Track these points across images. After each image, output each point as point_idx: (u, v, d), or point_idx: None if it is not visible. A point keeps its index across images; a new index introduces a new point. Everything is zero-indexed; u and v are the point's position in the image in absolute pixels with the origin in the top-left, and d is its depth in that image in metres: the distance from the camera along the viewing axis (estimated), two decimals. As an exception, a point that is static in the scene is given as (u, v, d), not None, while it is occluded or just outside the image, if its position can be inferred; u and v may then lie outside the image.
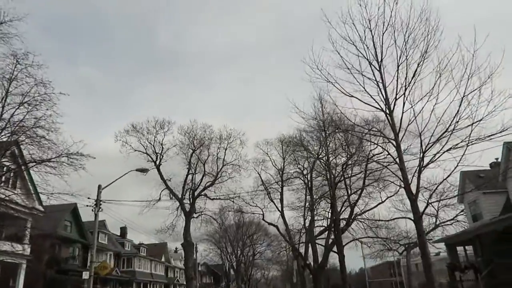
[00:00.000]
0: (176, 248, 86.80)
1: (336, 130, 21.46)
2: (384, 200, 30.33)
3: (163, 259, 64.64)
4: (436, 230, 35.10)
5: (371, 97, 13.70)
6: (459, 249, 29.52)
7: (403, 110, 13.22)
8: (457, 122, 12.19)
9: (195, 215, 46.48)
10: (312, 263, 33.78)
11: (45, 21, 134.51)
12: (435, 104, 12.41)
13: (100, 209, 20.78)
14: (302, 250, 34.94)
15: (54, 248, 36.03)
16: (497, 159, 31.00)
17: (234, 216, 59.43)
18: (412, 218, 14.09)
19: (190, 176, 46.00)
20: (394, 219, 20.58)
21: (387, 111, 13.68)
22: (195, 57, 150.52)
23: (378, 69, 13.79)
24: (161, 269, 63.33)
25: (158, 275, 60.88)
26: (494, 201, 25.88)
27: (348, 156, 26.75)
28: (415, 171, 12.96)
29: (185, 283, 44.10)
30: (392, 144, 13.60)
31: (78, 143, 15.85)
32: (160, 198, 44.87)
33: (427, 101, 12.60)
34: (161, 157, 44.89)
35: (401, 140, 13.47)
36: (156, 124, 44.48)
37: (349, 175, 29.07)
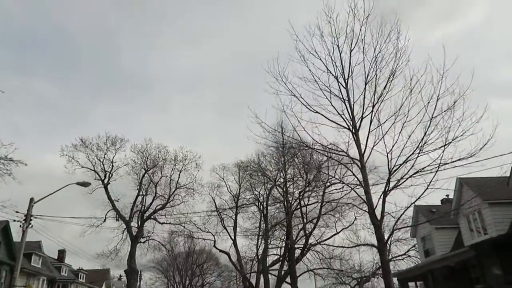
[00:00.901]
0: (120, 276, 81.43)
1: (298, 149, 20.78)
2: (339, 231, 29.93)
3: (104, 287, 60.00)
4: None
5: (338, 113, 13.16)
6: (411, 285, 29.29)
7: (369, 129, 12.74)
8: (425, 143, 11.80)
9: (142, 240, 43.75)
10: (263, 295, 32.25)
11: (3, 30, 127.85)
12: (404, 123, 12.03)
13: (30, 225, 18.40)
14: (253, 281, 33.38)
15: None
16: (447, 195, 31.77)
17: (184, 243, 56.72)
18: (376, 245, 13.29)
19: (140, 198, 43.64)
20: (355, 246, 20.01)
21: (353, 130, 13.15)
22: (155, 81, 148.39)
23: (344, 86, 13.33)
24: (100, 298, 58.66)
25: (97, 304, 56.23)
26: (446, 236, 26.02)
27: (306, 183, 26.14)
28: (380, 196, 12.32)
29: (125, 314, 40.63)
30: (357, 165, 12.97)
31: (7, 146, 13.92)
32: (105, 219, 42.07)
33: (394, 121, 12.23)
34: (110, 175, 42.40)
35: (366, 161, 12.93)
36: (107, 141, 42.13)
37: (306, 204, 28.43)
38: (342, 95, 13.22)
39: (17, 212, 18.16)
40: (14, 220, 19.46)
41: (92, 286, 54.07)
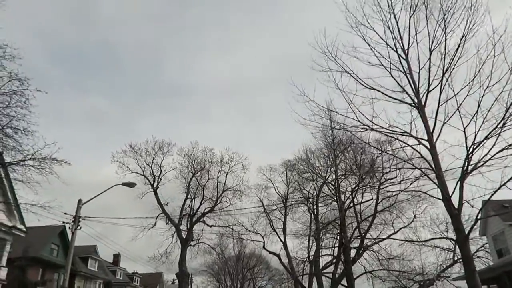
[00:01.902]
0: (173, 280, 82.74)
1: (349, 143, 19.12)
2: (397, 231, 27.64)
3: (157, 290, 61.03)
4: (454, 267, 31.89)
5: (400, 86, 11.38)
6: (483, 288, 26.38)
7: (439, 103, 10.89)
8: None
9: (192, 243, 43.71)
10: (317, 299, 30.59)
11: (54, 49, 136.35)
12: (486, 88, 9.95)
13: (79, 227, 18.34)
14: (305, 284, 31.82)
15: (36, 273, 33.21)
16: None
17: (234, 247, 56.14)
18: (454, 239, 11.48)
19: (188, 201, 43.74)
20: (427, 240, 17.77)
21: (418, 105, 11.33)
22: (195, 90, 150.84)
23: (404, 57, 11.62)
24: (154, 301, 59.64)
25: (151, 307, 57.18)
26: (523, 234, 23.14)
27: (360, 179, 24.35)
28: (457, 182, 10.34)
29: (179, 317, 40.60)
30: (425, 146, 11.17)
31: (51, 146, 13.76)
32: (156, 223, 42.55)
33: (469, 92, 10.18)
34: (159, 180, 42.90)
35: (436, 140, 11.09)
36: (155, 145, 42.69)
37: (360, 202, 26.56)
38: (402, 68, 11.51)
39: (65, 214, 18.21)
40: (63, 222, 19.49)
41: (146, 289, 55.07)
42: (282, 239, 36.02)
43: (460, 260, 31.65)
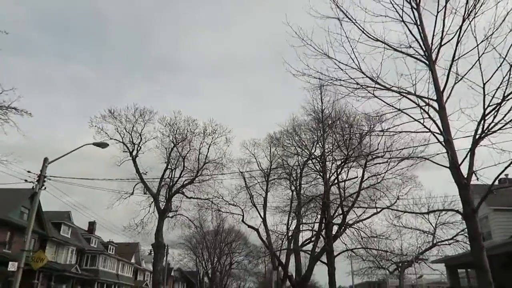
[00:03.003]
0: (150, 251, 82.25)
1: (339, 119, 17.98)
2: (380, 210, 27.16)
3: (133, 260, 60.13)
4: (431, 250, 31.89)
5: (413, 36, 9.96)
6: (460, 272, 26.31)
7: (453, 58, 9.66)
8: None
9: (169, 215, 42.72)
10: (294, 275, 30.15)
11: (41, 15, 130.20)
12: None
13: (43, 187, 16.94)
14: (283, 260, 31.34)
15: (3, 236, 31.79)
16: (507, 174, 28.22)
17: (212, 218, 55.28)
18: (461, 212, 10.58)
19: (168, 172, 42.47)
20: (428, 213, 16.83)
21: (428, 61, 10.08)
22: (184, 66, 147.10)
23: (415, 6, 10.31)
24: (129, 271, 58.79)
25: (126, 276, 56.35)
26: (506, 219, 22.81)
27: (347, 155, 23.48)
28: (469, 151, 9.18)
29: (153, 287, 39.95)
30: (433, 108, 10.03)
31: (8, 92, 12.21)
32: (133, 192, 41.28)
33: (488, 43, 8.91)
34: (138, 148, 41.34)
35: (447, 100, 9.98)
36: (136, 112, 40.91)
37: (344, 179, 25.81)
38: (414, 18, 10.16)
39: (29, 172, 16.75)
40: (26, 181, 18.05)
41: (120, 258, 54.09)
42: (262, 215, 35.42)
43: (439, 243, 31.72)
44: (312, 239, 28.40)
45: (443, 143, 9.51)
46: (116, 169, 40.99)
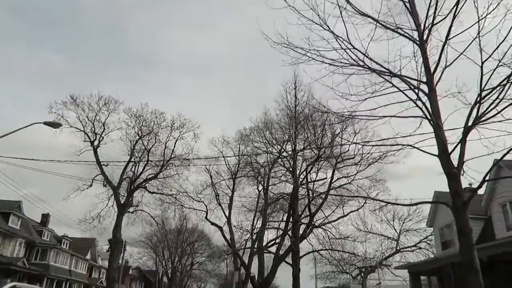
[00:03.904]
0: (109, 248, 79.02)
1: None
2: (347, 214, 26.80)
3: (88, 256, 57.28)
4: (394, 257, 31.90)
5: (407, 9, 9.04)
6: (423, 279, 26.24)
7: (447, 37, 8.81)
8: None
9: (130, 209, 40.76)
10: (256, 276, 29.15)
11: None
12: None
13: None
14: (246, 260, 30.33)
15: None
16: (470, 184, 28.56)
17: (174, 217, 53.55)
18: (449, 205, 9.83)
19: (131, 165, 40.56)
20: (417, 203, 15.85)
21: (418, 40, 9.27)
22: (161, 62, 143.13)
23: None
24: (83, 267, 55.91)
25: (79, 273, 53.48)
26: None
27: (318, 153, 22.84)
28: (460, 140, 8.41)
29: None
30: (422, 91, 9.22)
31: None
32: (92, 183, 39.10)
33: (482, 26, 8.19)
34: (100, 138, 39.22)
35: (437, 82, 9.25)
36: (100, 100, 38.76)
37: (313, 180, 25.20)
38: None
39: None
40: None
41: (74, 254, 51.27)
42: (227, 214, 34.28)
43: (402, 249, 31.74)
44: (278, 239, 27.54)
45: (433, 127, 8.79)
46: (75, 160, 38.39)
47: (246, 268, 29.09)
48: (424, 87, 9.12)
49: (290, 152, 24.95)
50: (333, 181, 24.02)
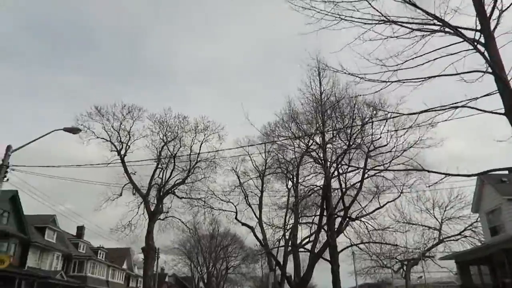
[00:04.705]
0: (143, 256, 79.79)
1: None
2: (384, 205, 25.40)
3: (124, 266, 57.73)
4: (437, 247, 30.11)
5: None
6: (472, 269, 24.44)
7: None
8: None
9: (160, 217, 40.65)
10: (292, 276, 28.09)
11: (28, 22, 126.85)
12: None
13: (6, 179, 14.85)
14: (280, 259, 29.31)
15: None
16: (516, 164, 26.60)
17: (204, 220, 53.25)
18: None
19: (158, 171, 40.49)
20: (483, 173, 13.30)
21: None
22: (176, 73, 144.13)
23: None
24: (120, 277, 56.38)
25: (116, 283, 53.95)
26: (521, 210, 21.04)
27: (349, 142, 21.67)
28: None
29: (146, 294, 37.71)
30: (479, 42, 7.74)
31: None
32: (121, 193, 39.25)
33: None
34: (127, 147, 39.38)
35: (495, 28, 7.84)
36: (123, 109, 38.90)
37: (345, 171, 23.98)
38: None
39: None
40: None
41: (111, 264, 51.74)
42: (258, 215, 33.42)
43: (446, 239, 29.91)
44: (312, 236, 26.34)
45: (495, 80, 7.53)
46: (104, 171, 38.75)
47: (281, 268, 28.11)
48: (478, 37, 7.81)
49: (319, 143, 23.80)
50: (366, 170, 22.76)
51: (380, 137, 22.26)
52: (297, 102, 24.24)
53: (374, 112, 21.49)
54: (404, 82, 7.83)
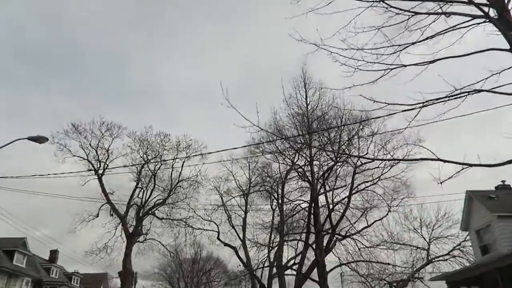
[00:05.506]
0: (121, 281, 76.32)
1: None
2: (371, 224, 24.59)
3: (100, 292, 55.00)
4: (426, 268, 29.24)
5: None
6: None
7: None
8: None
9: (140, 239, 38.79)
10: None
11: (18, 46, 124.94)
12: None
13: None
14: (265, 282, 27.90)
15: None
16: (504, 181, 26.31)
17: (186, 242, 51.38)
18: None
19: (138, 191, 38.88)
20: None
21: None
22: (164, 94, 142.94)
23: None
24: (96, 305, 53.57)
25: (91, 311, 51.15)
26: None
27: (336, 155, 20.93)
28: None
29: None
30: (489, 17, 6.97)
31: None
32: (98, 214, 37.39)
33: None
34: (105, 166, 37.73)
35: (509, 1, 7.04)
36: (101, 126, 37.55)
37: (332, 187, 23.18)
38: None
39: None
40: None
41: (85, 291, 49.09)
42: (241, 237, 32.11)
43: (434, 259, 29.13)
44: (298, 256, 25.10)
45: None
46: (80, 190, 37.00)
47: (266, 291, 26.74)
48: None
49: (305, 156, 22.97)
50: (354, 186, 22.01)
51: (367, 153, 21.67)
52: (283, 113, 23.63)
53: (360, 126, 20.98)
54: (405, 67, 7.09)
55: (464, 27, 6.88)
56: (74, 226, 35.79)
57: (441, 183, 6.67)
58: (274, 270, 26.34)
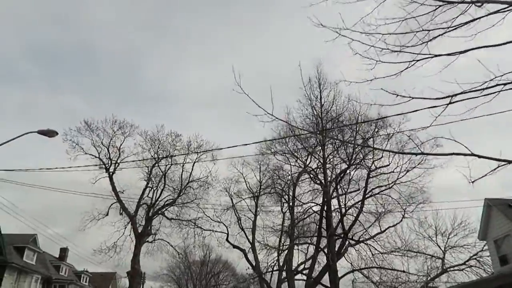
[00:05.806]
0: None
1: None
2: (384, 230, 23.84)
3: (109, 291, 55.02)
4: (440, 278, 28.31)
5: None
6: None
7: None
8: None
9: (149, 239, 38.57)
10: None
11: (30, 45, 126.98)
12: None
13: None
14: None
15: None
16: (525, 189, 25.39)
17: (194, 243, 51.07)
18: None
19: (148, 190, 38.72)
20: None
21: None
22: (175, 99, 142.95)
23: None
24: (104, 304, 53.57)
25: (99, 310, 51.14)
26: (533, 237, 19.60)
27: (349, 159, 20.34)
28: None
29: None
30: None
31: None
32: (108, 212, 37.32)
33: None
34: (116, 164, 37.69)
35: None
36: (114, 124, 37.53)
37: (345, 192, 22.54)
38: None
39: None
40: None
41: (94, 289, 49.10)
42: (251, 240, 31.65)
43: (449, 269, 28.20)
44: (309, 261, 24.44)
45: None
46: (90, 189, 36.97)
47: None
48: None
49: (318, 158, 22.39)
50: (367, 190, 21.37)
51: (382, 156, 21.02)
52: (296, 114, 22.99)
53: (376, 129, 20.37)
54: (432, 57, 6.54)
55: (501, 12, 6.34)
56: (84, 224, 35.83)
57: (473, 182, 6.14)
58: (284, 274, 25.80)
